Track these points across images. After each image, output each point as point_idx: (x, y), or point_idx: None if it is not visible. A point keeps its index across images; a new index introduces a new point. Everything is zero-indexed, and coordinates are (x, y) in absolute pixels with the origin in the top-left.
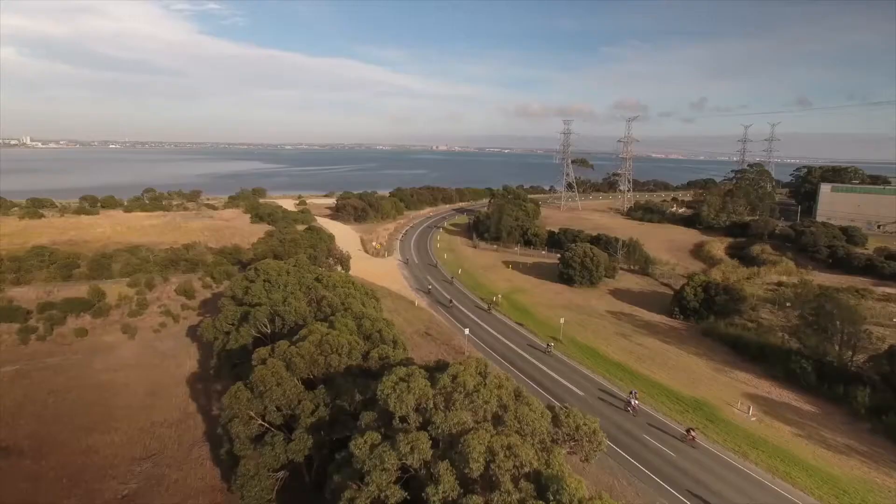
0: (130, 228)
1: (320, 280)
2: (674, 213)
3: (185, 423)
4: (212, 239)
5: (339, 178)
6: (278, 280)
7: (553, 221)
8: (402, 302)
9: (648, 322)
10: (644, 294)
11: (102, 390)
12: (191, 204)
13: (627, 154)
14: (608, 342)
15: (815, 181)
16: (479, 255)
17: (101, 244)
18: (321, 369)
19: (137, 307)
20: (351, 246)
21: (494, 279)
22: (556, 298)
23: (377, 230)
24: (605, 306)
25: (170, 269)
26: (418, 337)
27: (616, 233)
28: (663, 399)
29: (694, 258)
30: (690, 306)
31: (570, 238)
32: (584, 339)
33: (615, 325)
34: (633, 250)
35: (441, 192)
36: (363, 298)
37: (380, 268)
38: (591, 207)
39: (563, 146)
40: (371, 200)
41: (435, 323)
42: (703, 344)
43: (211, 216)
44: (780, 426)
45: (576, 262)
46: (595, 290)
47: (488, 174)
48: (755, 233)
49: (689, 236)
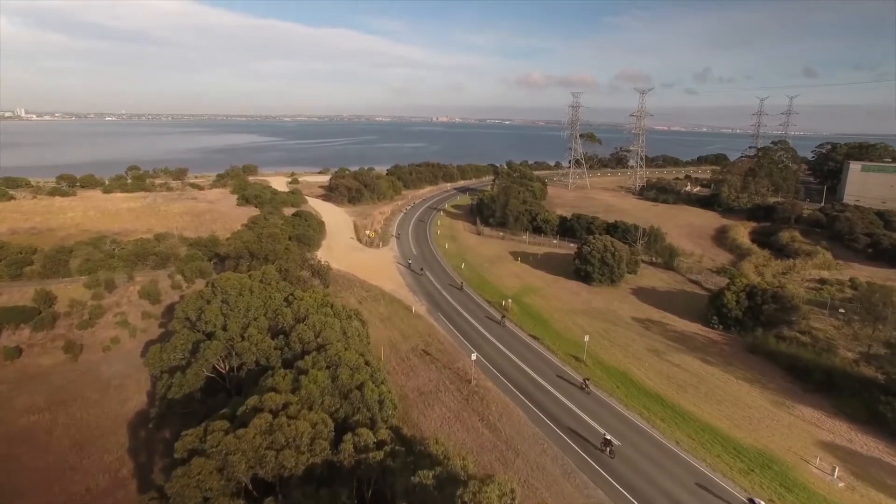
0: (104, 213)
1: (291, 302)
2: (689, 193)
3: (112, 497)
4: (191, 225)
5: (337, 152)
6: (238, 302)
7: (561, 202)
8: (398, 307)
9: (683, 333)
10: (672, 295)
11: (15, 443)
12: (176, 183)
13: (640, 129)
14: (640, 362)
15: (840, 159)
16: (483, 243)
17: (66, 234)
18: (271, 469)
19: (90, 316)
20: (342, 233)
21: (502, 275)
22: (573, 301)
23: (372, 213)
24: (629, 311)
25: (137, 264)
26: (415, 357)
27: (630, 216)
28: (718, 450)
29: (717, 246)
30: (732, 315)
31: (584, 226)
32: (612, 358)
33: (645, 338)
34: (654, 240)
35: (442, 169)
36: (344, 325)
37: (373, 260)
38: (599, 186)
39: (571, 120)
40: (366, 180)
41: (436, 337)
42: (751, 364)
43: (194, 197)
44: (881, 499)
45: (595, 257)
46: (616, 289)
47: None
48: (781, 217)
49: (708, 220)
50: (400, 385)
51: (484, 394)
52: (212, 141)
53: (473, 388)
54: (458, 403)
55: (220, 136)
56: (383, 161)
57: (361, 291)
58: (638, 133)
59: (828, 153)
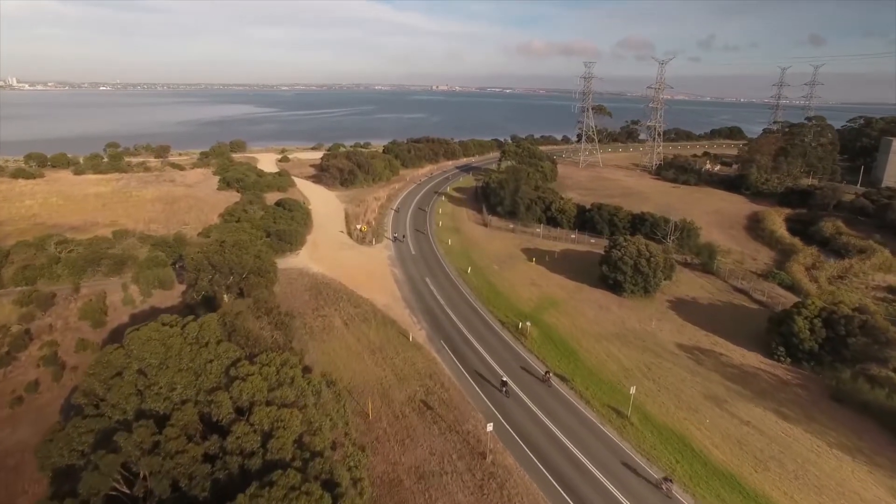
0: (67, 200)
1: (233, 380)
2: (710, 173)
3: None
4: (162, 216)
5: (333, 123)
6: (160, 377)
7: (573, 183)
8: (392, 332)
9: (742, 369)
10: (717, 309)
11: None
12: (156, 162)
13: (659, 102)
14: (699, 417)
15: (876, 135)
16: (491, 238)
17: (14, 229)
18: None
19: (10, 349)
20: (332, 224)
21: (516, 283)
22: (603, 319)
23: (366, 199)
24: (671, 334)
25: (86, 271)
26: (413, 412)
27: (651, 202)
28: None
29: (753, 238)
30: (805, 347)
31: (606, 218)
32: (663, 411)
33: (698, 377)
34: (687, 235)
35: (443, 145)
36: (311, 413)
37: (365, 262)
38: (612, 163)
39: (584, 92)
40: (360, 160)
41: (439, 379)
42: (841, 419)
43: (172, 180)
44: None
45: (626, 264)
46: (651, 301)
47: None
48: (819, 203)
49: (736, 205)
50: (392, 461)
51: (504, 478)
52: (205, 112)
53: (489, 467)
54: (469, 496)
55: (214, 106)
56: (381, 134)
57: (349, 307)
58: (656, 107)
59: (860, 128)
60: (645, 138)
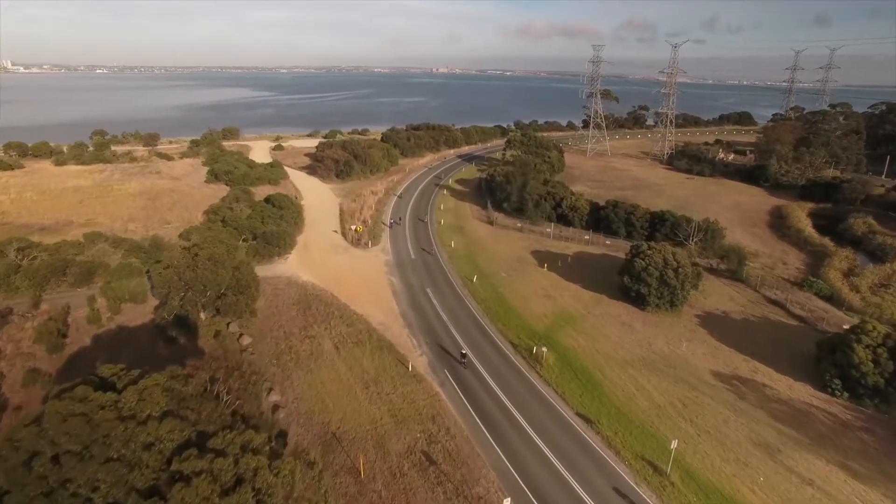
0: (43, 195)
1: (178, 474)
2: (725, 163)
3: None
4: (143, 213)
5: (332, 107)
6: (77, 472)
7: (581, 174)
8: (388, 359)
9: (791, 404)
10: (751, 326)
11: None
12: (143, 151)
13: (672, 88)
14: (750, 474)
15: None
16: (497, 238)
17: None
18: None
19: None
20: (325, 222)
21: (527, 294)
22: (626, 340)
23: (363, 193)
24: (705, 358)
25: (49, 281)
26: (412, 469)
27: (665, 195)
28: None
29: (778, 237)
30: (868, 383)
31: (623, 217)
32: (707, 465)
33: (742, 417)
34: (711, 237)
35: (444, 132)
36: None
37: (360, 268)
38: (620, 152)
39: (592, 77)
40: (356, 150)
41: (443, 422)
42: None
43: (158, 171)
44: None
45: (651, 275)
46: (678, 317)
47: (493, 101)
48: (846, 197)
49: (756, 199)
50: None
51: None
52: (201, 96)
53: None
54: None
55: (211, 90)
56: (380, 119)
57: (341, 326)
58: (669, 93)
59: (882, 114)
60: (652, 124)
